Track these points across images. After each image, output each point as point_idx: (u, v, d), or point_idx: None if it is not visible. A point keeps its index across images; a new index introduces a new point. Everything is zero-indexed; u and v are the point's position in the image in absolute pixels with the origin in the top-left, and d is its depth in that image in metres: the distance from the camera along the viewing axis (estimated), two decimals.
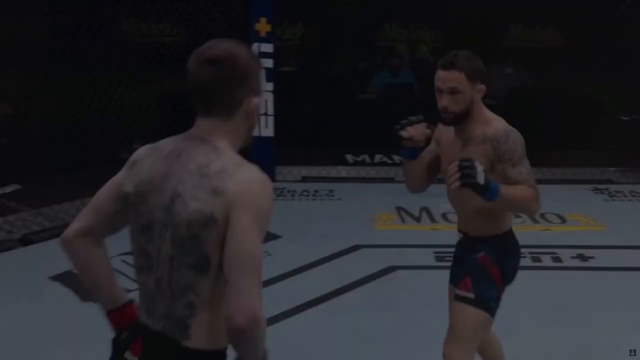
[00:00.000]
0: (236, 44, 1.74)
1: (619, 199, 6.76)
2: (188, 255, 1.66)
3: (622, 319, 4.18)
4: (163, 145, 1.79)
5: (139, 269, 1.78)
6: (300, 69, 8.65)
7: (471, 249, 2.75)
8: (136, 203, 1.75)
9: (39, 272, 4.79)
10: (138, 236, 1.76)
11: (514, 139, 2.59)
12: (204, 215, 1.63)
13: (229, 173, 1.65)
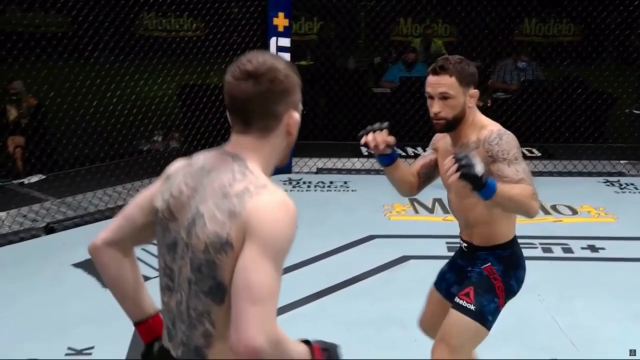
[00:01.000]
0: (275, 57, 1.63)
1: (630, 191, 6.70)
2: (204, 281, 1.55)
3: (632, 309, 4.15)
4: (195, 160, 1.67)
5: (163, 288, 1.69)
6: (316, 62, 8.63)
7: (476, 259, 2.65)
8: (165, 219, 1.65)
9: (62, 260, 4.82)
10: (164, 254, 1.66)
11: (507, 139, 2.48)
12: (220, 239, 1.51)
13: (250, 194, 1.52)
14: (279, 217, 1.51)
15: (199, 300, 1.56)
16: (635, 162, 7.39)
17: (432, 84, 2.50)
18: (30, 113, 6.40)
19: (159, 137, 7.45)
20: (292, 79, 1.61)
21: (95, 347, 3.71)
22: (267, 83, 1.56)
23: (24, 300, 4.23)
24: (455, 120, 2.51)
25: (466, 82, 2.49)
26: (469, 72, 2.50)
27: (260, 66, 1.56)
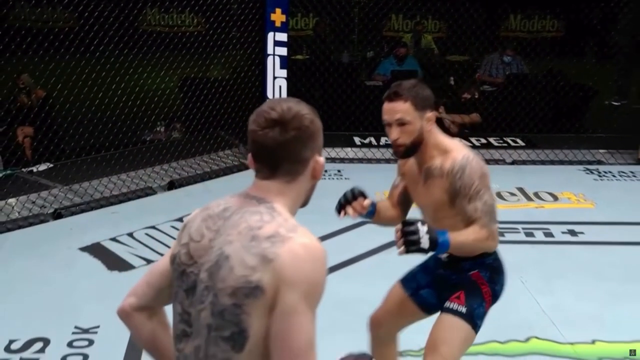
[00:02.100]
0: (298, 103, 1.54)
1: (608, 178, 6.72)
2: (226, 327, 1.43)
3: (609, 289, 4.17)
4: (214, 204, 1.58)
5: (179, 336, 1.55)
6: (312, 57, 8.61)
7: (461, 268, 2.52)
8: (182, 264, 1.54)
9: (70, 244, 4.83)
10: (182, 299, 1.53)
11: (470, 171, 2.33)
12: (250, 283, 1.40)
13: (282, 239, 1.42)
14: (315, 265, 1.43)
15: (218, 347, 1.44)
16: (613, 151, 7.40)
17: (388, 110, 2.37)
18: (38, 104, 6.38)
19: (162, 128, 7.44)
20: (317, 124, 1.55)
21: (100, 327, 3.71)
22: (294, 130, 1.49)
23: (33, 282, 4.23)
24: (413, 145, 2.38)
25: (422, 106, 2.35)
26: (423, 95, 2.36)
27: (285, 113, 1.49)
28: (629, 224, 5.40)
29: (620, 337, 3.65)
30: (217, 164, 6.73)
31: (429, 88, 2.41)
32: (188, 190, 6.10)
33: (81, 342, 3.56)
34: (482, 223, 2.31)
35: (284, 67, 6.76)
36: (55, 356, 3.43)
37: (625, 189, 6.43)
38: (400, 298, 2.69)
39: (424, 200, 2.51)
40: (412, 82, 2.40)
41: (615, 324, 3.77)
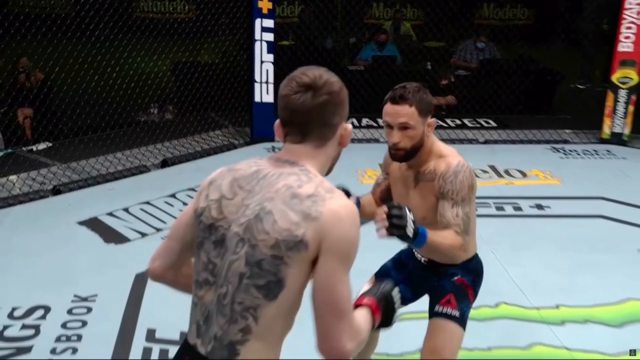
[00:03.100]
0: (327, 71, 1.52)
1: (573, 157, 6.77)
2: (262, 276, 1.43)
3: (574, 259, 4.23)
4: (244, 165, 1.56)
5: (200, 283, 1.53)
6: (297, 42, 8.57)
7: (444, 273, 2.40)
8: (211, 217, 1.52)
9: (68, 218, 4.81)
10: (209, 250, 1.52)
11: (463, 178, 2.20)
12: (294, 237, 1.41)
13: (322, 198, 1.43)
14: (353, 227, 1.45)
15: (248, 294, 1.44)
16: (577, 131, 7.46)
17: (392, 113, 2.20)
18: (37, 87, 6.32)
19: (155, 109, 7.40)
20: (345, 92, 1.53)
21: (98, 295, 3.71)
22: (325, 95, 1.48)
23: (34, 253, 4.22)
24: (413, 149, 2.23)
25: (425, 112, 2.21)
26: (427, 101, 2.22)
27: (317, 79, 1.48)
28: (592, 199, 5.45)
29: (582, 302, 3.71)
30: (208, 144, 6.71)
31: (429, 94, 2.26)
32: (180, 168, 6.08)
33: (80, 310, 3.56)
34: (458, 230, 2.18)
35: (270, 52, 6.72)
36: (55, 323, 3.43)
37: (589, 166, 6.48)
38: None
39: (413, 203, 2.30)
40: (417, 86, 2.22)
41: (577, 291, 3.82)
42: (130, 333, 3.35)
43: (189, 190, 5.39)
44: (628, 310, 3.65)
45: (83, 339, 3.29)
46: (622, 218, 5.04)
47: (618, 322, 3.54)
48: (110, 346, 3.23)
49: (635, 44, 6.94)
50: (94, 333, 3.35)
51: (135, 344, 3.26)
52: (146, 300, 3.68)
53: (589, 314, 3.60)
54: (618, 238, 4.68)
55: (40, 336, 3.31)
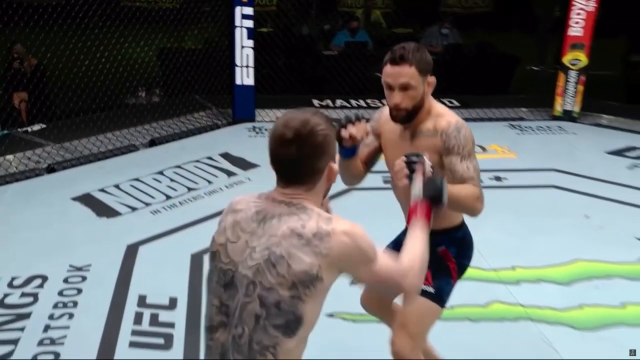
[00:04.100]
0: (314, 115, 1.47)
1: (528, 133, 6.83)
2: (280, 316, 1.41)
3: (529, 224, 4.28)
4: (244, 206, 1.53)
5: (214, 326, 1.49)
6: (275, 29, 8.48)
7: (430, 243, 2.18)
8: (221, 262, 1.50)
9: (63, 194, 4.75)
10: (220, 293, 1.49)
11: (465, 133, 2.03)
12: (310, 275, 1.40)
13: (326, 233, 1.41)
14: (361, 241, 1.45)
15: (266, 334, 1.41)
16: (532, 109, 7.51)
17: (392, 74, 2.01)
18: (31, 71, 6.20)
19: (143, 93, 7.30)
20: (329, 136, 1.48)
21: (92, 265, 3.69)
22: (308, 148, 1.44)
23: (31, 227, 4.17)
24: (415, 109, 2.05)
25: (425, 71, 2.02)
26: (426, 60, 2.03)
27: (301, 131, 1.44)
28: (545, 170, 5.51)
29: (535, 263, 3.77)
30: (192, 124, 6.65)
31: (429, 53, 2.08)
32: (167, 147, 6.03)
33: (75, 279, 3.54)
34: (474, 182, 2.00)
35: (250, 38, 6.64)
36: (52, 291, 3.41)
37: (542, 141, 6.53)
38: None
39: None
40: (416, 46, 2.03)
41: (530, 253, 3.88)
42: (123, 299, 3.34)
43: (175, 168, 5.36)
44: (576, 270, 3.72)
45: (79, 305, 3.28)
46: (572, 187, 5.11)
47: (567, 281, 3.61)
48: (104, 311, 3.22)
49: (584, 29, 6.98)
50: (88, 300, 3.33)
51: (127, 309, 3.25)
52: (137, 269, 3.67)
53: (541, 273, 3.66)
54: (567, 205, 4.75)
55: (39, 303, 3.29)
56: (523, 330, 3.14)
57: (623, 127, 7.04)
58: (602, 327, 3.17)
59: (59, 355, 2.86)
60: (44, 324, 3.09)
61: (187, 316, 3.19)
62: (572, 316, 3.25)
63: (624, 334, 3.12)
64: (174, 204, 4.64)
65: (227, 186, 5.00)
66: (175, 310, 3.24)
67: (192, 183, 5.05)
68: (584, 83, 7.11)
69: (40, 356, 2.85)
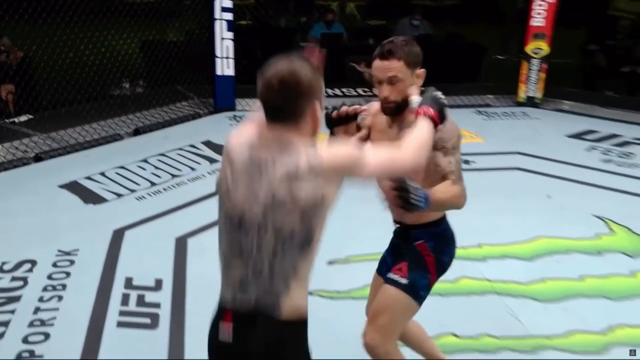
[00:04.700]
0: (298, 63, 1.51)
1: (494, 118, 6.88)
2: (295, 242, 1.47)
3: (495, 204, 4.32)
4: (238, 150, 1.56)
5: (229, 262, 1.54)
6: (254, 22, 8.41)
7: (409, 237, 2.12)
8: (227, 206, 1.54)
9: (50, 182, 4.68)
10: (231, 234, 1.53)
11: (450, 128, 1.96)
12: (315, 199, 1.46)
13: (314, 155, 1.46)
14: (342, 148, 1.52)
15: (285, 261, 1.48)
16: (498, 96, 7.56)
17: (380, 69, 1.97)
18: (17, 64, 6.07)
19: (127, 84, 7.18)
20: (313, 82, 1.51)
21: (80, 249, 3.65)
22: (293, 92, 1.48)
23: (20, 214, 4.11)
24: (404, 101, 1.99)
25: (413, 64, 1.97)
26: (414, 53, 1.98)
27: (286, 78, 1.48)
28: (510, 153, 5.56)
29: (500, 241, 3.81)
30: (175, 113, 6.59)
31: (417, 45, 2.02)
32: (151, 136, 5.96)
33: (64, 263, 3.50)
34: (454, 178, 1.95)
35: (230, 30, 6.58)
36: (42, 274, 3.37)
37: (507, 126, 6.59)
38: (378, 285, 2.25)
39: None
40: (404, 40, 1.99)
41: (496, 231, 3.91)
42: (110, 281, 3.31)
43: (159, 155, 5.31)
44: (538, 246, 3.77)
45: (67, 288, 3.25)
46: (535, 169, 5.17)
47: (530, 256, 3.66)
48: (92, 293, 3.19)
49: (546, 19, 7.03)
50: (77, 282, 3.30)
51: (115, 290, 3.23)
52: (123, 252, 3.64)
53: (506, 250, 3.70)
54: (531, 186, 4.81)
55: (28, 287, 3.25)
56: (490, 303, 3.18)
57: (582, 111, 7.14)
58: (563, 299, 3.22)
59: (49, 335, 2.84)
60: (34, 306, 3.06)
61: (172, 296, 3.18)
62: (535, 289, 3.30)
63: (583, 305, 3.17)
64: (159, 190, 4.60)
65: (210, 172, 4.97)
66: (160, 291, 3.23)
67: (176, 170, 5.01)
68: (545, 71, 7.18)
69: (31, 337, 2.83)
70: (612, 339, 2.89)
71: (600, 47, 7.82)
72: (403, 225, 2.15)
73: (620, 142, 6.02)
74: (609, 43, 7.75)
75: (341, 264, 3.49)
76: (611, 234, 3.97)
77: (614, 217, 4.17)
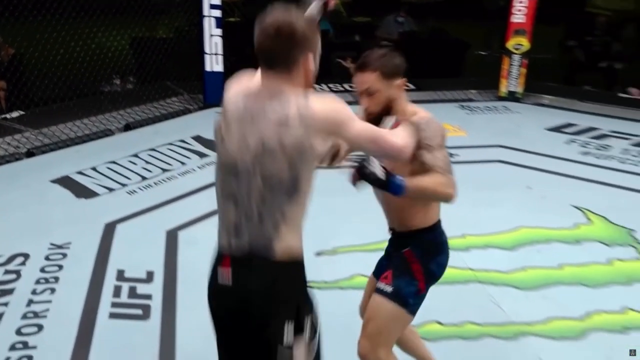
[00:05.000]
0: (294, 14, 1.55)
1: (477, 112, 6.90)
2: (282, 188, 1.52)
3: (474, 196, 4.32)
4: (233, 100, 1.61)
5: (224, 196, 1.60)
6: (243, 19, 8.36)
7: (399, 244, 2.10)
8: (222, 155, 1.60)
9: (42, 177, 4.64)
10: (225, 179, 1.59)
11: (435, 128, 1.92)
12: (303, 146, 1.50)
13: (305, 107, 1.50)
14: (333, 105, 1.55)
15: (276, 199, 1.53)
16: (481, 91, 7.59)
17: (358, 81, 1.97)
18: (9, 61, 6.00)
19: (118, 80, 7.13)
20: (307, 33, 1.55)
21: (72, 242, 3.63)
22: (288, 41, 1.53)
23: (12, 209, 4.07)
24: (385, 112, 1.98)
25: (390, 74, 1.94)
26: (391, 64, 1.95)
27: (281, 27, 1.52)
28: (492, 147, 5.59)
29: (483, 231, 3.83)
30: (165, 109, 6.54)
31: (399, 57, 1.99)
32: (141, 131, 5.92)
33: (56, 256, 3.48)
34: (441, 170, 1.89)
35: (219, 27, 6.54)
36: (34, 267, 3.35)
37: (489, 119, 6.62)
38: (372, 286, 2.23)
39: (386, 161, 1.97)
40: (382, 52, 1.97)
41: (479, 222, 3.94)
42: (102, 274, 3.30)
43: (150, 150, 5.27)
44: (519, 236, 3.80)
45: (60, 280, 3.23)
46: (516, 162, 5.20)
47: (511, 246, 3.69)
48: (85, 285, 3.18)
49: (527, 16, 7.06)
50: (69, 275, 3.28)
51: (107, 283, 3.21)
52: (115, 245, 3.63)
53: (489, 240, 3.73)
54: (512, 178, 4.84)
55: (22, 279, 3.22)
56: (473, 291, 3.21)
57: (561, 105, 7.19)
58: (543, 287, 3.25)
59: (42, 327, 2.82)
60: (27, 299, 3.04)
61: (164, 288, 3.17)
62: (516, 278, 3.33)
63: (562, 292, 3.21)
64: (149, 185, 4.58)
65: (200, 167, 4.95)
66: (152, 283, 3.22)
67: (166, 164, 4.99)
68: (526, 66, 7.22)
69: (24, 329, 2.81)
70: (589, 325, 2.93)
71: (579, 43, 7.88)
72: (394, 232, 2.14)
73: (598, 135, 6.07)
74: (587, 39, 7.80)
75: (328, 255, 3.49)
76: (589, 223, 4.01)
77: (591, 207, 4.22)
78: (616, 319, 2.97)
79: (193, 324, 2.78)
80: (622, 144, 5.77)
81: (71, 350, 2.67)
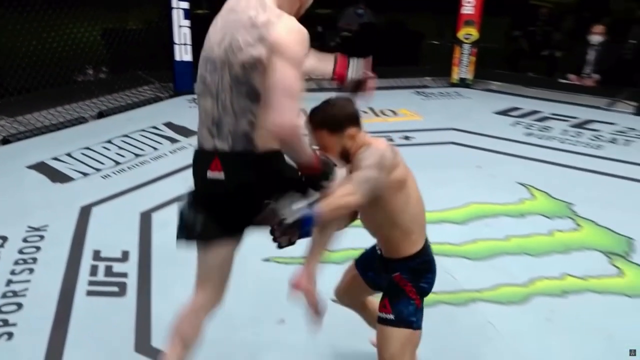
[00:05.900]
0: None
1: (432, 98, 6.97)
2: (243, 87, 1.61)
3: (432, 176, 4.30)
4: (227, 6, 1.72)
5: (203, 92, 1.70)
6: (210, 11, 8.20)
7: (388, 268, 2.00)
8: (204, 51, 1.72)
9: (18, 163, 4.51)
10: (204, 72, 1.70)
11: (372, 152, 1.77)
12: (254, 58, 1.57)
13: (272, 23, 1.58)
14: (297, 38, 1.57)
15: (240, 99, 1.62)
16: (435, 78, 7.65)
17: (312, 139, 1.85)
18: None
19: (90, 70, 6.93)
20: None
21: (49, 225, 3.54)
22: None
23: None
24: (343, 158, 1.86)
25: (335, 127, 1.82)
26: (334, 119, 1.82)
27: None
28: (445, 129, 5.65)
29: (437, 207, 3.85)
30: (137, 97, 6.41)
31: (343, 106, 1.86)
32: (114, 119, 5.79)
33: (34, 238, 3.40)
34: (353, 182, 1.73)
35: (187, 18, 6.42)
36: (13, 249, 3.26)
37: (443, 104, 6.68)
38: (353, 274, 2.20)
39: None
40: (322, 107, 1.83)
41: (433, 199, 3.84)
42: (79, 254, 3.23)
43: (123, 137, 5.17)
44: (470, 211, 3.86)
45: (38, 261, 3.16)
46: (467, 143, 5.27)
47: (462, 220, 3.75)
48: (62, 265, 3.11)
49: (475, 8, 7.13)
50: (47, 256, 3.21)
51: (84, 262, 3.15)
52: (91, 227, 3.56)
53: (442, 216, 3.77)
54: (464, 158, 4.91)
55: (0, 261, 3.14)
56: None
57: (508, 91, 7.31)
58: (491, 257, 3.32)
59: (22, 305, 2.76)
60: (6, 279, 2.96)
61: (138, 266, 3.13)
62: (467, 249, 3.39)
63: (509, 261, 3.29)
64: (123, 169, 4.49)
65: (171, 152, 4.88)
66: (127, 262, 3.18)
67: (139, 150, 4.89)
68: (475, 54, 7.30)
69: (4, 307, 2.74)
70: (532, 290, 3.01)
71: (523, 33, 7.98)
72: (381, 254, 2.03)
73: (541, 118, 6.21)
74: (531, 29, 7.92)
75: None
76: (532, 198, 4.11)
77: (535, 184, 4.31)
78: (556, 284, 3.06)
79: (167, 299, 2.75)
80: (561, 126, 5.92)
81: (50, 326, 2.62)
